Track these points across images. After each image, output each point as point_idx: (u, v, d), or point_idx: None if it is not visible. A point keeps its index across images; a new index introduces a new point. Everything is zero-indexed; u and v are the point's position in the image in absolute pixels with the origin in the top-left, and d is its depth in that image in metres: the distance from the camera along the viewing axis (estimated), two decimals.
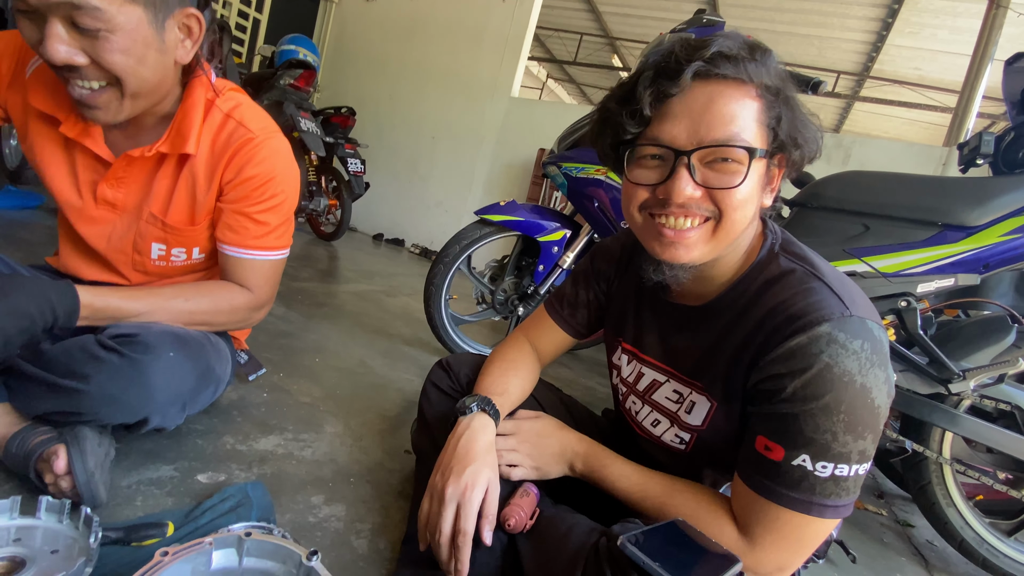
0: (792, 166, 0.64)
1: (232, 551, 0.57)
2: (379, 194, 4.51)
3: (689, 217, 0.60)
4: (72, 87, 0.69)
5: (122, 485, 0.78)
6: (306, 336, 1.67)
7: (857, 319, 0.56)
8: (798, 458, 0.56)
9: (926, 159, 3.08)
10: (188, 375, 0.77)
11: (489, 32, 4.20)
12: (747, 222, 0.62)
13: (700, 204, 0.60)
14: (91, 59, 0.67)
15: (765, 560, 0.60)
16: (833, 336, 0.55)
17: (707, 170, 0.59)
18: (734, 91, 0.58)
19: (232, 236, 0.88)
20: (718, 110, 0.57)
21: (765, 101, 0.59)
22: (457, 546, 0.63)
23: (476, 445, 0.69)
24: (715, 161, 0.59)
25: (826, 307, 0.57)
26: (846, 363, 0.55)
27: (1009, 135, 1.41)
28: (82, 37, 0.65)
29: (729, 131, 0.57)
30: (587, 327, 0.91)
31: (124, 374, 0.70)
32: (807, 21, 5.93)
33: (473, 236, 1.72)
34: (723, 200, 0.59)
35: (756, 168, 0.60)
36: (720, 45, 0.58)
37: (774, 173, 0.64)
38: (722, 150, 0.57)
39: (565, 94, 12.64)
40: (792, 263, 0.63)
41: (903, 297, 1.22)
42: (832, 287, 0.59)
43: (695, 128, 0.58)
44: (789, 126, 0.60)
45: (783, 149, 0.61)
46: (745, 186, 0.59)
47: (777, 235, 0.68)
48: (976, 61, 3.22)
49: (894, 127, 8.88)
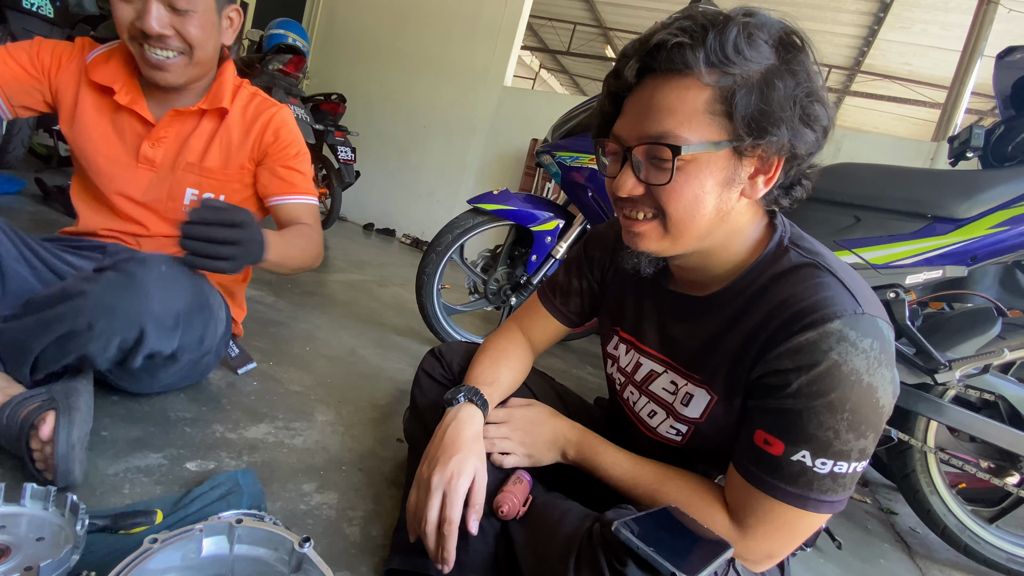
0: (786, 153, 0.57)
1: (223, 538, 0.57)
2: (370, 183, 4.47)
3: (636, 212, 0.61)
4: (150, 54, 0.90)
5: (109, 473, 0.77)
6: (296, 325, 1.65)
7: (869, 317, 0.55)
8: (798, 453, 0.56)
9: (914, 154, 3.11)
10: (183, 289, 0.80)
11: (482, 20, 4.15)
12: (701, 219, 0.59)
13: (644, 200, 0.60)
14: (176, 31, 0.90)
15: (755, 548, 0.61)
16: (844, 334, 0.54)
17: (649, 166, 0.58)
18: (675, 84, 0.55)
19: (286, 186, 1.09)
20: (655, 105, 0.56)
21: (720, 88, 0.54)
22: (443, 535, 0.63)
23: (463, 435, 0.69)
24: (655, 158, 0.57)
25: (838, 304, 0.55)
26: (855, 361, 0.54)
27: (999, 129, 1.42)
28: (172, 15, 0.89)
29: (663, 127, 0.55)
30: (580, 316, 0.91)
31: (120, 283, 0.73)
32: (800, 15, 5.87)
33: (466, 225, 1.70)
34: (661, 197, 0.58)
35: (707, 162, 0.56)
36: (662, 35, 0.55)
37: (767, 162, 0.58)
38: (650, 147, 0.57)
39: (558, 84, 12.57)
40: (803, 257, 0.61)
41: (892, 288, 1.23)
42: (845, 283, 0.57)
43: (637, 124, 0.58)
44: (750, 112, 0.54)
45: (746, 137, 0.55)
46: (680, 183, 0.56)
47: (787, 228, 0.66)
48: (966, 57, 3.25)
49: (884, 122, 8.95)
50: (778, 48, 0.55)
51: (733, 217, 0.61)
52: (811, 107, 0.56)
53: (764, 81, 0.54)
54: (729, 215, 0.60)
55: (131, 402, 0.96)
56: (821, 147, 0.59)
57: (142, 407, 0.95)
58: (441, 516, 0.63)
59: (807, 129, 0.56)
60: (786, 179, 0.61)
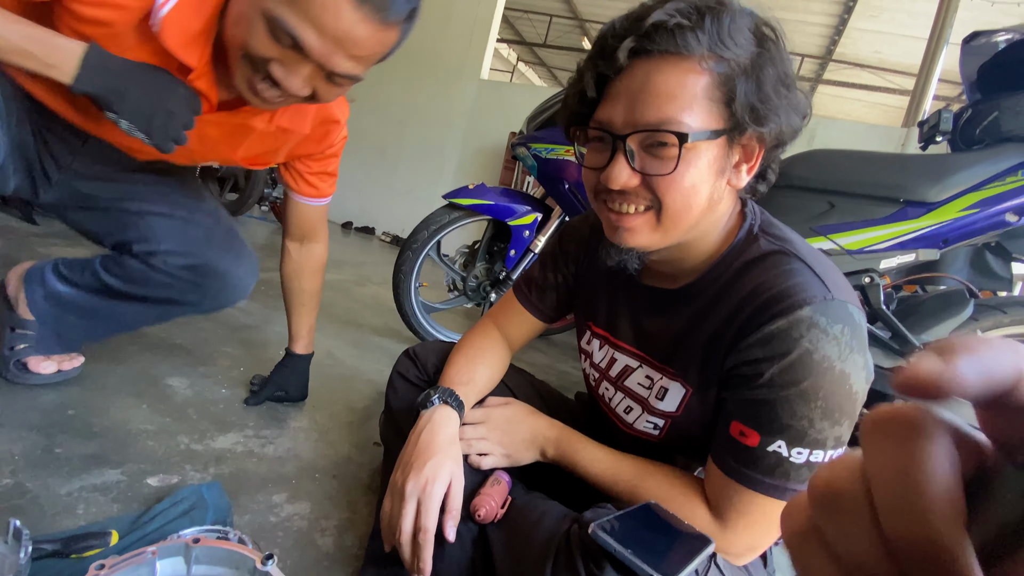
0: (773, 141, 0.57)
1: (179, 559, 0.53)
2: (347, 181, 4.38)
3: (629, 204, 0.57)
4: (264, 90, 0.70)
5: (62, 493, 0.72)
6: (269, 328, 1.60)
7: (839, 303, 0.54)
8: (773, 444, 0.55)
9: (886, 140, 3.16)
10: (248, 255, 1.03)
11: (456, 13, 4.10)
12: (695, 209, 0.57)
13: (639, 191, 0.56)
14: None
15: (737, 542, 0.60)
16: (814, 320, 0.53)
17: (645, 155, 0.55)
18: (674, 67, 0.52)
19: (315, 191, 1.06)
20: (654, 90, 0.52)
21: (718, 74, 0.52)
22: (418, 544, 0.60)
23: (437, 439, 0.66)
24: (652, 145, 0.54)
25: (807, 290, 0.54)
26: (826, 348, 0.53)
27: (967, 112, 1.44)
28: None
29: (664, 113, 0.52)
30: (556, 311, 0.89)
31: (218, 287, 0.99)
32: (773, 4, 5.85)
33: (442, 221, 1.67)
34: (659, 187, 0.55)
35: (706, 150, 0.54)
36: (660, 15, 0.51)
37: (750, 150, 0.57)
38: (651, 135, 0.53)
39: (536, 77, 12.52)
40: (772, 244, 0.60)
41: (867, 273, 1.24)
42: (814, 269, 0.57)
43: (631, 110, 0.54)
44: (750, 100, 0.53)
45: (745, 126, 0.54)
46: (682, 173, 0.54)
47: (757, 216, 0.65)
48: (932, 44, 3.31)
49: (856, 109, 9.11)
50: (757, 36, 0.54)
51: (718, 206, 0.60)
52: (793, 94, 0.56)
53: (754, 68, 0.53)
54: (716, 204, 0.59)
55: (88, 415, 0.91)
56: (798, 134, 0.59)
57: (100, 420, 0.91)
58: (416, 524, 0.61)
59: (793, 115, 0.56)
60: (764, 167, 0.61)
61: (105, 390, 1.00)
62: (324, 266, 1.17)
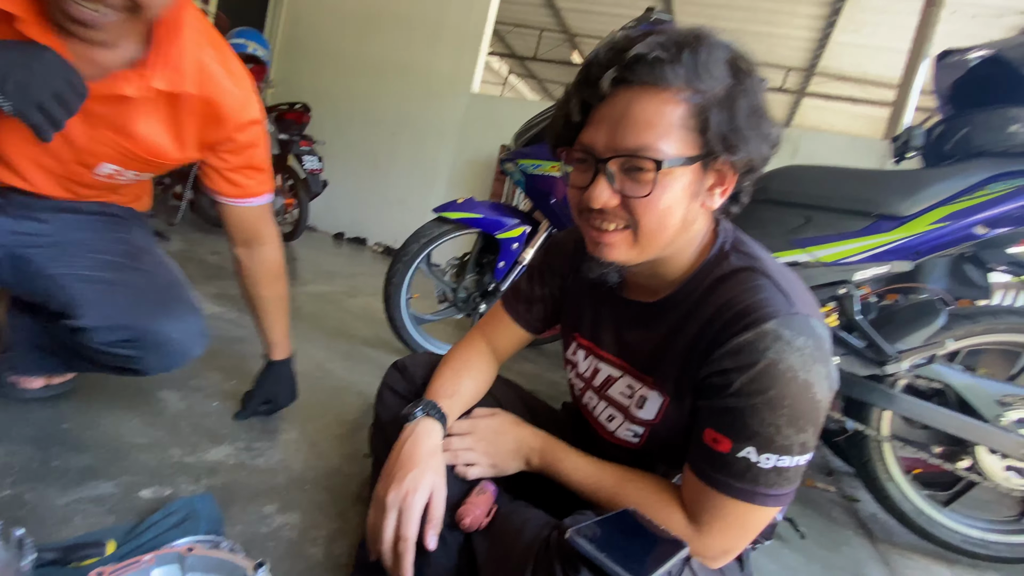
0: (744, 167, 0.61)
1: (174, 567, 0.56)
2: (339, 192, 4.41)
3: (609, 223, 0.62)
4: (73, 6, 0.64)
5: (59, 504, 0.74)
6: (259, 341, 1.62)
7: (801, 316, 0.58)
8: (743, 450, 0.58)
9: (868, 152, 3.24)
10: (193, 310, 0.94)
11: (447, 26, 4.16)
12: (670, 229, 0.61)
13: (617, 211, 0.60)
14: None
15: (712, 545, 0.62)
16: (778, 333, 0.56)
17: (624, 178, 0.59)
18: (652, 97, 0.56)
19: (238, 190, 0.97)
20: (633, 117, 0.57)
21: (693, 104, 0.56)
22: (398, 553, 0.63)
23: (419, 451, 0.69)
24: (631, 169, 0.58)
25: (772, 305, 0.58)
26: (790, 359, 0.56)
27: (938, 128, 1.49)
28: None
29: (642, 140, 0.56)
30: (543, 322, 0.92)
31: (163, 348, 0.89)
32: (757, 19, 6.12)
33: (432, 234, 1.70)
34: (637, 208, 0.59)
35: (680, 175, 0.58)
36: (641, 48, 0.55)
37: (723, 175, 0.61)
38: (634, 159, 0.57)
39: (527, 90, 12.65)
40: (741, 261, 0.64)
41: (842, 285, 1.28)
42: (779, 285, 0.60)
43: (612, 135, 0.58)
44: (722, 130, 0.57)
45: (718, 153, 0.58)
46: (658, 196, 0.58)
47: (729, 234, 0.69)
48: (913, 56, 3.40)
49: (840, 121, 9.28)
50: (732, 69, 0.58)
51: (692, 226, 0.64)
52: (764, 124, 0.60)
53: (728, 99, 0.57)
54: (690, 224, 0.63)
55: (82, 429, 0.92)
56: (759, 166, 0.63)
57: (93, 433, 0.92)
58: (397, 534, 0.63)
59: (764, 145, 0.60)
60: (738, 189, 0.65)
61: (98, 404, 1.02)
62: (282, 269, 1.09)
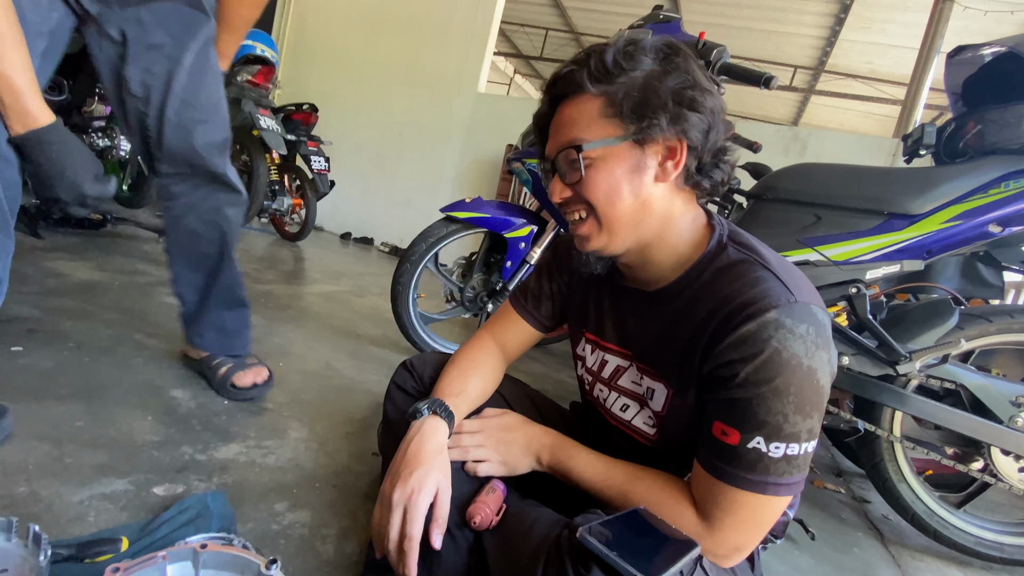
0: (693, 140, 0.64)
1: (188, 564, 0.56)
2: (346, 192, 4.44)
3: (574, 213, 0.70)
4: None
5: (73, 501, 0.75)
6: (269, 340, 1.63)
7: (802, 304, 0.59)
8: (753, 440, 0.58)
9: (878, 150, 3.21)
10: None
11: (454, 26, 4.17)
12: (626, 207, 0.66)
13: (573, 201, 0.69)
14: None
15: (724, 541, 0.62)
16: (781, 322, 0.57)
17: (567, 170, 0.67)
18: (574, 102, 0.67)
19: None
20: (562, 121, 0.68)
21: (609, 95, 0.64)
22: (403, 551, 0.63)
23: (425, 449, 0.69)
24: (569, 162, 0.67)
25: (773, 295, 0.59)
26: (794, 347, 0.57)
27: (950, 126, 1.47)
28: None
29: (569, 135, 0.66)
30: (551, 319, 0.92)
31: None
32: (764, 17, 6.09)
33: (440, 234, 1.71)
34: (583, 193, 0.67)
35: (612, 155, 0.65)
36: (562, 70, 0.67)
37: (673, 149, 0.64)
38: (564, 153, 0.67)
39: (533, 89, 12.64)
40: (740, 253, 0.66)
41: (853, 284, 1.27)
42: (778, 275, 0.61)
43: (554, 140, 0.69)
44: (638, 109, 0.63)
45: (645, 129, 0.63)
46: (593, 176, 0.65)
47: (724, 226, 0.71)
48: (924, 54, 3.36)
49: (848, 120, 9.20)
50: (658, 57, 0.65)
51: (656, 204, 0.67)
52: (690, 92, 0.63)
53: (644, 83, 0.63)
54: (650, 201, 0.67)
55: (96, 426, 0.93)
56: (720, 129, 0.66)
57: (107, 431, 0.93)
58: (402, 532, 0.63)
59: (691, 112, 0.63)
60: (700, 162, 0.67)
61: (110, 401, 1.03)
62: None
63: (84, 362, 1.15)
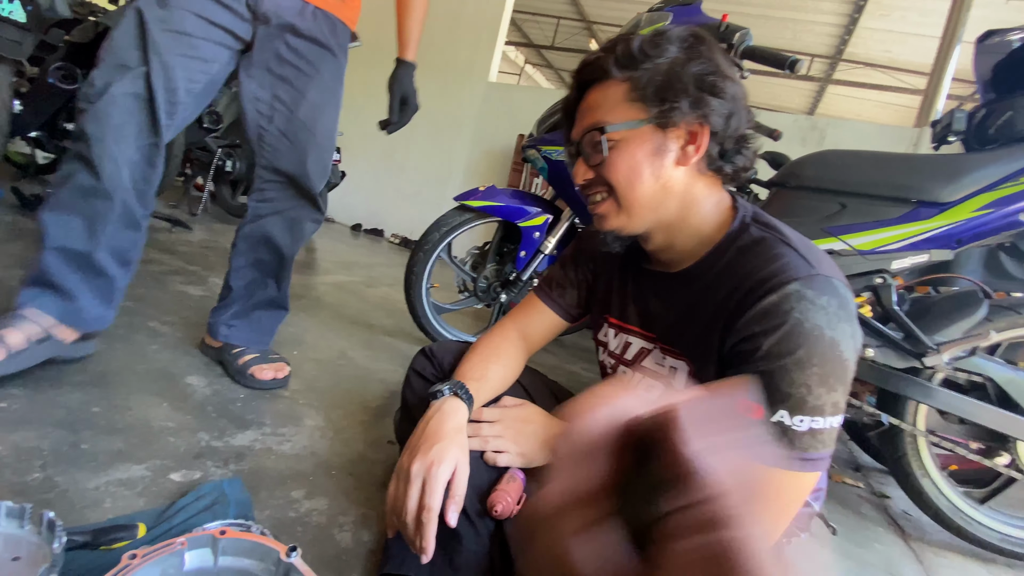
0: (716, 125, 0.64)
1: (207, 551, 0.55)
2: (356, 183, 4.43)
3: (596, 194, 0.70)
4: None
5: (89, 487, 0.75)
6: (283, 329, 1.62)
7: (823, 277, 0.59)
8: (777, 415, 0.58)
9: (897, 140, 3.14)
10: None
11: (465, 16, 4.12)
12: (646, 188, 0.66)
13: (596, 182, 0.69)
14: None
15: None
16: (802, 293, 0.58)
17: (591, 152, 0.68)
18: (601, 87, 0.68)
19: None
20: (588, 106, 0.69)
21: (633, 80, 0.65)
22: (421, 523, 0.62)
23: (445, 426, 0.69)
24: (593, 144, 0.67)
25: (793, 267, 0.60)
26: (815, 318, 0.57)
27: (980, 112, 1.43)
28: None
29: (594, 118, 0.68)
30: (577, 307, 0.91)
31: None
32: (782, 4, 5.96)
33: (453, 223, 1.69)
34: (606, 174, 0.67)
35: (634, 138, 0.65)
36: (590, 56, 0.69)
37: (694, 133, 0.65)
38: (588, 135, 0.68)
39: (543, 79, 12.54)
40: (762, 232, 0.66)
41: (879, 274, 1.23)
42: (798, 250, 0.62)
43: (579, 124, 0.71)
44: (661, 93, 0.64)
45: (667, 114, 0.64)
46: (615, 157, 0.66)
47: (747, 209, 0.71)
48: (945, 42, 3.28)
49: (866, 109, 9.03)
50: (683, 46, 0.65)
51: (677, 187, 0.67)
52: (711, 78, 0.64)
53: (668, 69, 0.64)
54: (671, 184, 0.67)
55: (112, 413, 0.93)
56: (741, 116, 0.66)
57: (123, 417, 0.93)
58: (420, 503, 0.62)
59: (712, 97, 0.64)
60: (722, 147, 0.67)
61: (127, 388, 1.03)
62: None
63: (99, 349, 1.14)
